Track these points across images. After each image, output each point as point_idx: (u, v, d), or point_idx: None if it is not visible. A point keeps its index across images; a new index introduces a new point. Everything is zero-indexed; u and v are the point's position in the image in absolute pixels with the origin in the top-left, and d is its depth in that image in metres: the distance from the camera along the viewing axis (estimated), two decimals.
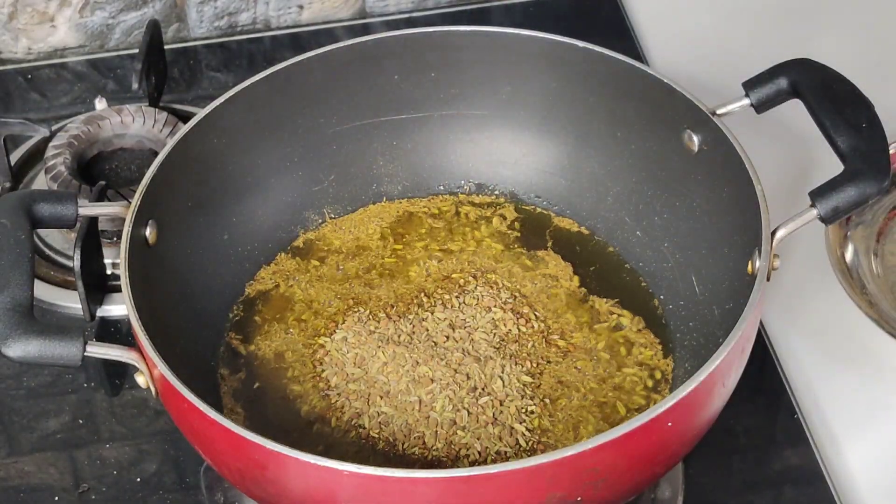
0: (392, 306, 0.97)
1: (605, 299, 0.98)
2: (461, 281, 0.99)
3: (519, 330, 0.95)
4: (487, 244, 1.02)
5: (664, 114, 0.97)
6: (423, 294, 0.98)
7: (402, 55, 1.02)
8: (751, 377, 0.88)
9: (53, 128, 1.13)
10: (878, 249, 1.04)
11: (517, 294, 0.98)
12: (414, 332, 0.94)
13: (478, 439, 0.88)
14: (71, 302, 1.02)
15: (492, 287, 0.98)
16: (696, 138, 0.95)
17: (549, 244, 1.02)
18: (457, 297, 0.97)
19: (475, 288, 0.98)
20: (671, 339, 0.95)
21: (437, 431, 0.89)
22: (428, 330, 0.95)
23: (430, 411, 0.89)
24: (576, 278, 0.99)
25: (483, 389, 0.91)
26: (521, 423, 0.90)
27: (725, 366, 0.81)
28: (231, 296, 0.99)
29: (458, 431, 0.89)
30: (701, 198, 0.97)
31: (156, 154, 0.99)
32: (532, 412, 0.90)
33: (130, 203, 0.90)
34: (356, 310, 0.97)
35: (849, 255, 1.02)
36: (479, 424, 0.89)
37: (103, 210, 0.94)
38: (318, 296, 0.99)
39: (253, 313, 0.99)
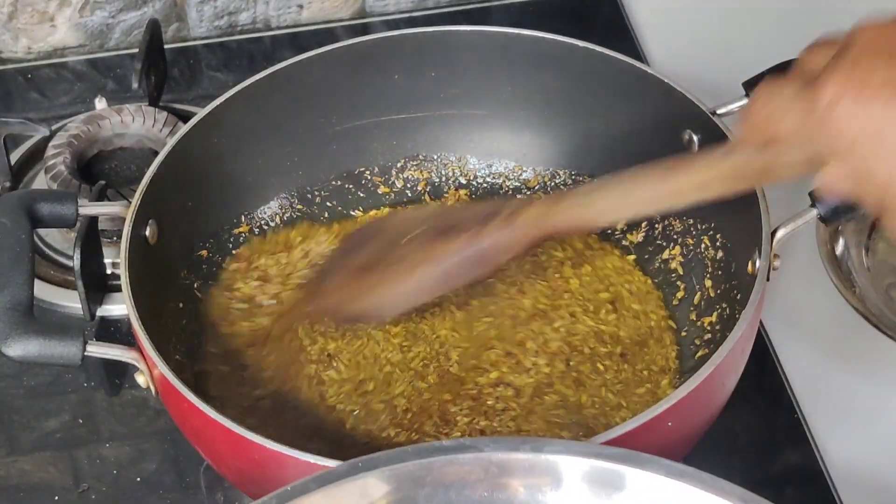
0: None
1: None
2: None
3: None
4: None
5: (664, 114, 0.97)
6: None
7: (402, 55, 1.02)
8: (751, 377, 0.88)
9: (53, 127, 1.13)
10: (870, 244, 1.04)
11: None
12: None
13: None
14: (71, 302, 1.02)
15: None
16: (696, 138, 0.95)
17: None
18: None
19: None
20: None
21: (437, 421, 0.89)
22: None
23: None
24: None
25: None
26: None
27: (725, 366, 0.81)
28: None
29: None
30: None
31: (156, 154, 1.00)
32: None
33: (130, 203, 0.90)
34: None
35: (839, 249, 1.02)
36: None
37: (103, 210, 0.94)
38: None
39: None
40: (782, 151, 0.74)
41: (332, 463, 0.75)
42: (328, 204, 1.04)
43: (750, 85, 0.94)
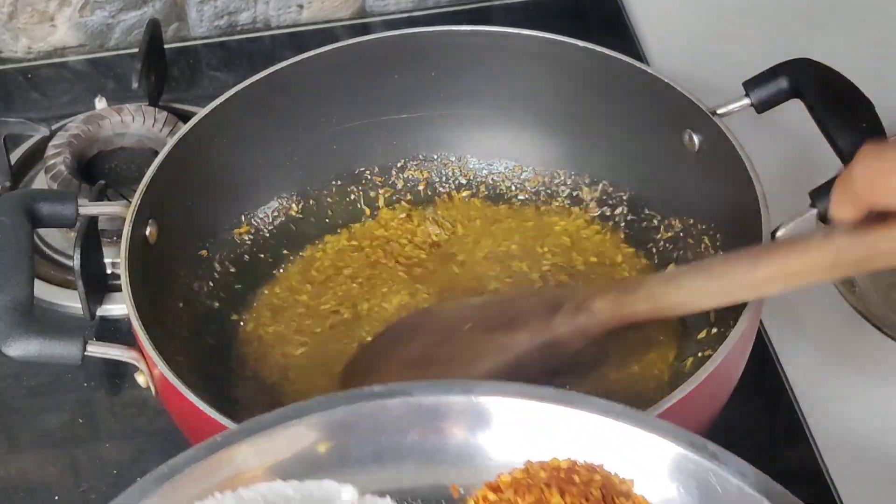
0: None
1: None
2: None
3: None
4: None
5: (664, 114, 0.97)
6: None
7: (402, 55, 1.02)
8: (751, 377, 0.88)
9: (53, 127, 1.13)
10: None
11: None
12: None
13: None
14: (71, 301, 1.02)
15: None
16: (696, 138, 0.95)
17: None
18: None
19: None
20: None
21: None
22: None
23: None
24: None
25: None
26: None
27: (725, 366, 0.81)
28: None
29: None
30: (701, 198, 0.97)
31: (156, 153, 0.99)
32: None
33: (130, 202, 0.90)
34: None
35: None
36: None
37: (103, 209, 0.94)
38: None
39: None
40: (889, 229, 0.68)
41: None
42: (328, 203, 1.04)
43: (750, 85, 0.94)
